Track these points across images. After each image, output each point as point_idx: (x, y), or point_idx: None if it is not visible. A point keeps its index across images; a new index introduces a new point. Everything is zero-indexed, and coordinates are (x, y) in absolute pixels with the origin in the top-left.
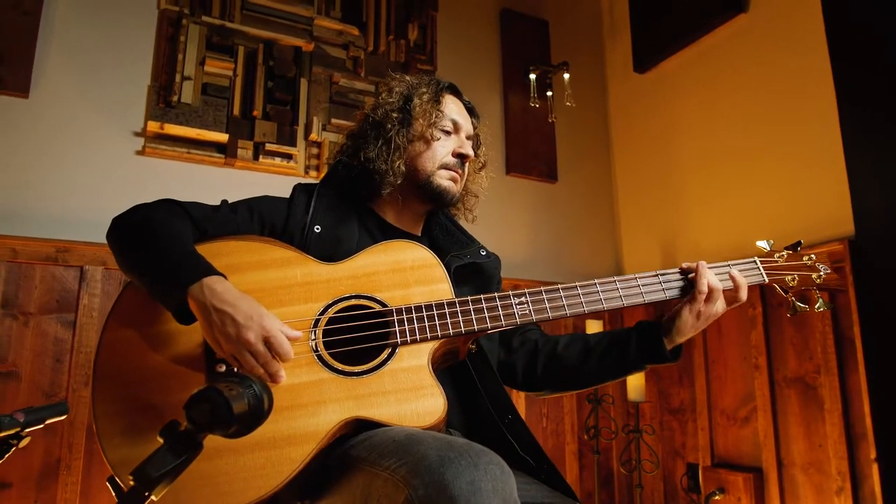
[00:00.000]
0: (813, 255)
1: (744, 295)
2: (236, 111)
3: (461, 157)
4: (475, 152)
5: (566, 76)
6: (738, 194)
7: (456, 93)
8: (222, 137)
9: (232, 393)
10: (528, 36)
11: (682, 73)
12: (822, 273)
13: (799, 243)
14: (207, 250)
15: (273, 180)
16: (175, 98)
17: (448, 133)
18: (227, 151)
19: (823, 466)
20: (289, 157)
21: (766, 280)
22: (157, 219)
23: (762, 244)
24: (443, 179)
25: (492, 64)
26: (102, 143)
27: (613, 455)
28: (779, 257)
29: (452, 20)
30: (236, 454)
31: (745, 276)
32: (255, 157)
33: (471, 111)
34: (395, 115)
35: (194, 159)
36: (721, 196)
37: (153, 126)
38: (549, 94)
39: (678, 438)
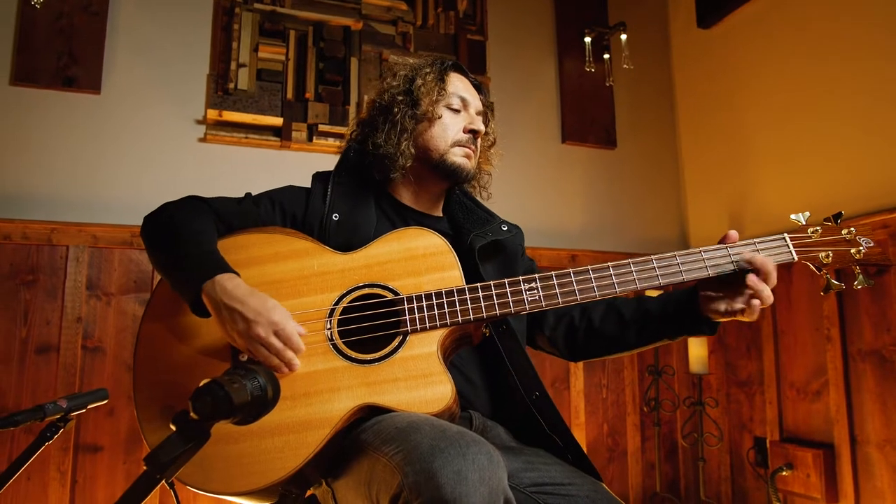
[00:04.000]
0: (853, 229)
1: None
2: (290, 95)
3: (473, 133)
4: (486, 128)
5: (623, 37)
6: (812, 156)
7: (461, 71)
8: (277, 121)
9: (234, 386)
10: None
11: (750, 26)
12: (862, 247)
13: (839, 215)
14: (230, 244)
15: (327, 160)
16: (232, 85)
17: (457, 111)
18: (282, 135)
19: None
20: (342, 136)
21: (796, 258)
22: (180, 218)
23: (796, 217)
24: (457, 157)
25: (545, 30)
26: (168, 132)
27: (678, 427)
28: (812, 232)
29: None
30: (258, 438)
31: (773, 254)
32: (310, 139)
33: (478, 88)
34: (400, 97)
35: (252, 143)
36: (793, 158)
37: (213, 114)
38: (607, 56)
39: (745, 412)
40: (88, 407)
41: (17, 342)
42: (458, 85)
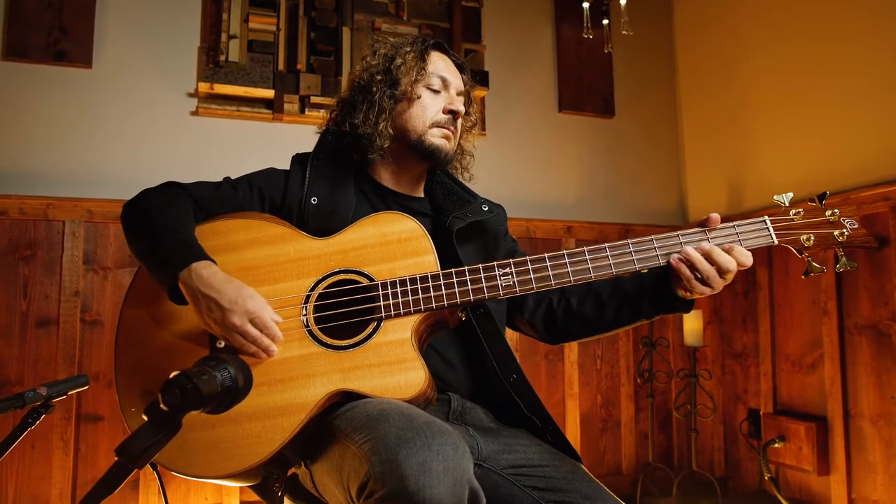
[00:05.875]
0: (836, 210)
1: (747, 261)
2: (281, 66)
3: (452, 114)
4: (466, 109)
5: (623, 1)
6: (813, 129)
7: (443, 50)
8: (268, 93)
9: (203, 378)
10: None
11: None
12: (846, 229)
13: (824, 195)
14: (208, 230)
15: None
16: (223, 57)
17: (436, 91)
18: (274, 107)
19: (895, 419)
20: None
21: (776, 242)
22: (157, 205)
23: (779, 198)
24: (435, 138)
25: None
26: (160, 106)
27: (672, 398)
28: (794, 214)
29: None
30: (236, 423)
31: (753, 237)
32: (302, 111)
33: (461, 67)
34: (379, 77)
35: (244, 116)
36: (794, 130)
37: (204, 87)
38: (605, 22)
39: (740, 383)
40: (68, 393)
41: (18, 316)
42: (439, 64)
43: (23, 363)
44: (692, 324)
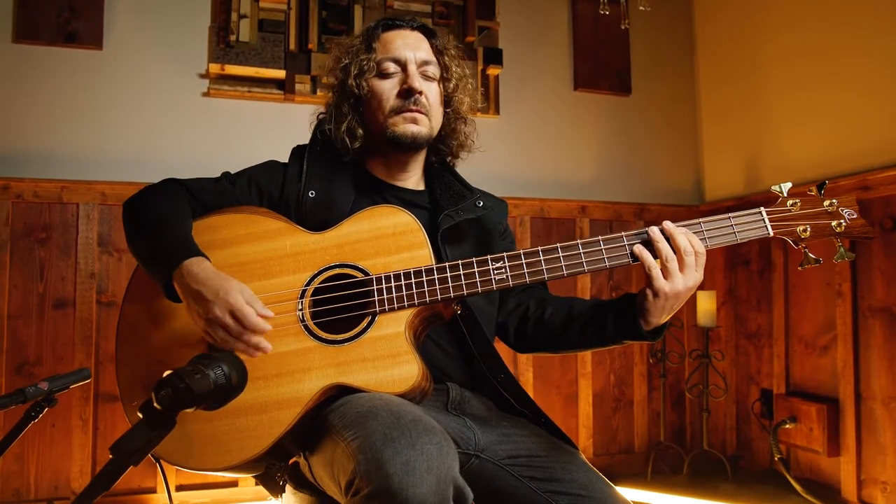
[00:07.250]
0: (835, 201)
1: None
2: (293, 45)
3: (409, 93)
4: (445, 74)
5: None
6: (832, 107)
7: (393, 26)
8: (280, 74)
9: (195, 377)
10: None
11: None
12: (845, 220)
13: (823, 185)
14: (205, 225)
15: None
16: (233, 37)
17: (390, 75)
18: (285, 87)
19: None
20: None
21: (772, 233)
22: (155, 203)
23: (777, 188)
24: (397, 126)
25: None
26: (171, 88)
27: (685, 378)
28: (792, 204)
29: None
30: (234, 417)
31: (748, 228)
32: (314, 91)
33: (426, 31)
34: (335, 82)
35: (256, 97)
36: (814, 109)
37: (215, 67)
38: None
39: (753, 364)
40: (70, 387)
41: (35, 297)
42: (391, 45)
43: (41, 344)
44: (706, 304)
